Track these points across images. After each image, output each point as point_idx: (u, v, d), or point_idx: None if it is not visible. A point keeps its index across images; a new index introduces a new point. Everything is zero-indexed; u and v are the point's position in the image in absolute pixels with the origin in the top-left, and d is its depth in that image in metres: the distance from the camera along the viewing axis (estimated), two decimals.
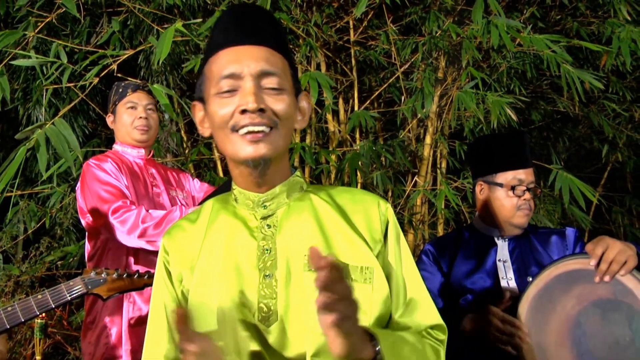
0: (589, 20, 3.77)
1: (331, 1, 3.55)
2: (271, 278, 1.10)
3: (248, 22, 1.12)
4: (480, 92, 3.22)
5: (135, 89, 2.43)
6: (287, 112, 1.10)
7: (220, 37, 1.12)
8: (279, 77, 1.10)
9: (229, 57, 1.09)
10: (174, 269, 1.17)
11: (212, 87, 1.10)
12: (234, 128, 1.07)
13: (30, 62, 2.59)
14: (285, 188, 1.17)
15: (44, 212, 3.50)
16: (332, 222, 1.16)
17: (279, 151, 1.11)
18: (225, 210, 1.20)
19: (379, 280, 1.12)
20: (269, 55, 1.10)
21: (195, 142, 3.93)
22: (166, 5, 3.10)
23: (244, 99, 1.06)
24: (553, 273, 1.69)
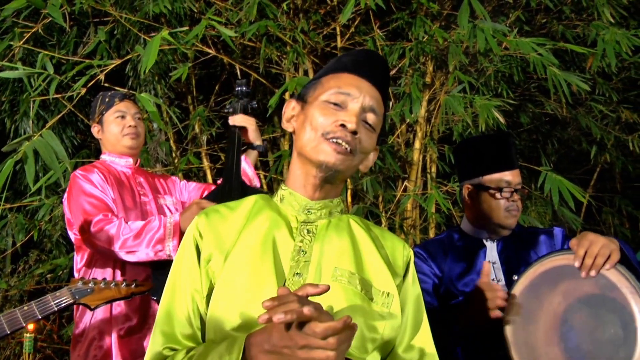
0: (574, 23, 3.79)
1: (318, 8, 3.56)
2: (300, 277, 1.17)
3: (374, 64, 1.29)
4: (468, 96, 3.23)
5: (123, 98, 2.42)
6: (367, 148, 1.24)
7: (351, 64, 1.28)
8: (377, 118, 1.24)
9: (353, 82, 1.24)
10: (205, 249, 1.21)
11: (323, 94, 1.23)
12: (326, 135, 1.19)
13: (17, 73, 2.58)
14: (330, 205, 1.27)
15: (33, 225, 3.48)
16: (365, 245, 1.26)
17: (347, 172, 1.23)
18: (268, 206, 1.28)
19: (395, 308, 1.20)
20: (379, 97, 1.26)
21: (184, 151, 3.92)
22: (153, 14, 3.10)
23: (349, 117, 1.19)
24: (538, 270, 1.69)
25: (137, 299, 2.19)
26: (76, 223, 2.22)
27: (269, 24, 3.05)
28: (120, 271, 2.23)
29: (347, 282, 1.17)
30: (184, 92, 4.00)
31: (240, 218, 1.26)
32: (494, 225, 2.06)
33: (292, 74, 3.54)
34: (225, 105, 3.76)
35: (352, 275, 1.18)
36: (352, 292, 1.16)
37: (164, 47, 2.93)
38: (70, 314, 3.57)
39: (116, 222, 2.14)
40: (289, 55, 3.29)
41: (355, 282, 1.18)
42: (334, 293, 1.13)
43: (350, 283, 1.17)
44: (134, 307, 2.23)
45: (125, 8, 3.25)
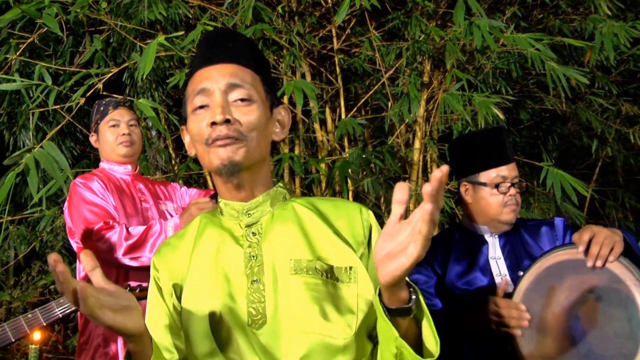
0: (570, 18, 3.79)
1: (313, 10, 3.55)
2: (259, 283, 1.16)
3: (218, 43, 1.23)
4: (467, 93, 3.22)
5: (116, 106, 2.42)
6: (254, 123, 1.17)
7: (196, 61, 1.23)
8: (246, 89, 1.17)
9: (202, 75, 1.18)
10: (164, 284, 1.22)
11: (189, 106, 1.19)
12: (207, 142, 1.15)
13: (15, 85, 2.58)
14: (269, 197, 1.24)
15: (34, 236, 3.47)
16: (315, 227, 1.21)
17: (251, 160, 1.17)
18: (211, 223, 1.26)
19: (363, 280, 1.16)
20: (237, 70, 1.19)
21: (184, 158, 3.91)
22: (148, 21, 3.10)
23: (213, 112, 1.14)
24: (543, 265, 1.69)
25: (142, 304, 2.17)
26: (78, 232, 2.22)
27: (264, 27, 3.04)
28: (124, 277, 2.23)
29: (305, 272, 1.15)
30: (181, 99, 3.99)
31: (188, 244, 1.25)
32: (494, 222, 2.05)
33: (290, 77, 3.53)
34: None
35: (309, 262, 1.16)
36: (314, 281, 1.14)
37: (161, 54, 2.93)
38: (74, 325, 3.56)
39: (117, 229, 2.13)
40: (285, 58, 3.29)
41: (314, 269, 1.15)
42: (296, 287, 1.14)
43: (309, 272, 1.15)
44: None
45: (120, 16, 3.25)
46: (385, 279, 0.94)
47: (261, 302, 1.14)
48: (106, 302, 0.92)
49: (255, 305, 1.14)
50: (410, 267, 0.91)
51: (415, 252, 0.89)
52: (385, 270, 0.94)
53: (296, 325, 1.11)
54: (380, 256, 0.94)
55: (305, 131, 3.72)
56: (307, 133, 3.75)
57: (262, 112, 1.19)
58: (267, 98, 1.22)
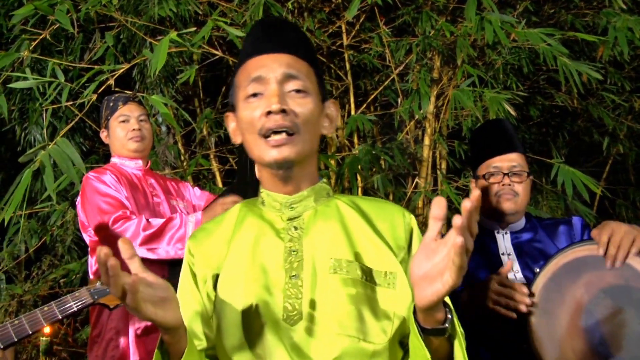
0: (583, 12, 3.75)
1: (323, 6, 3.55)
2: (297, 279, 1.13)
3: (274, 32, 1.20)
4: (478, 89, 3.21)
5: (126, 101, 2.42)
6: (309, 115, 1.16)
7: (248, 48, 1.20)
8: (302, 81, 1.16)
9: (258, 63, 1.16)
10: (199, 271, 1.19)
11: (241, 93, 1.17)
12: (261, 132, 1.13)
13: (28, 83, 2.59)
14: (313, 192, 1.22)
15: (45, 231, 3.49)
16: (358, 227, 1.19)
17: (303, 155, 1.16)
18: (252, 213, 1.24)
19: (402, 285, 1.14)
20: (293, 61, 1.17)
21: (193, 154, 3.92)
22: (158, 17, 3.10)
23: (269, 101, 1.12)
24: (560, 262, 1.66)
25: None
26: (92, 223, 2.22)
27: None
28: None
29: (345, 273, 1.13)
30: (190, 95, 4.00)
31: (227, 230, 1.23)
32: (496, 213, 2.04)
33: None
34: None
35: (349, 263, 1.14)
36: (353, 282, 1.12)
37: (171, 50, 2.93)
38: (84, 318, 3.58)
39: (136, 219, 2.14)
40: None
41: (354, 270, 1.13)
42: (334, 287, 1.12)
43: (349, 273, 1.13)
44: None
45: (130, 12, 3.25)
46: (422, 302, 0.94)
47: (298, 298, 1.12)
48: (147, 295, 0.92)
49: (291, 300, 1.12)
50: (446, 294, 0.90)
51: (451, 280, 0.88)
52: (422, 294, 0.93)
53: (332, 326, 1.09)
54: (417, 276, 0.93)
55: None
56: None
57: (315, 105, 1.18)
58: (319, 91, 1.21)
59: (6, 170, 4.12)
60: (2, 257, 3.47)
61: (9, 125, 3.69)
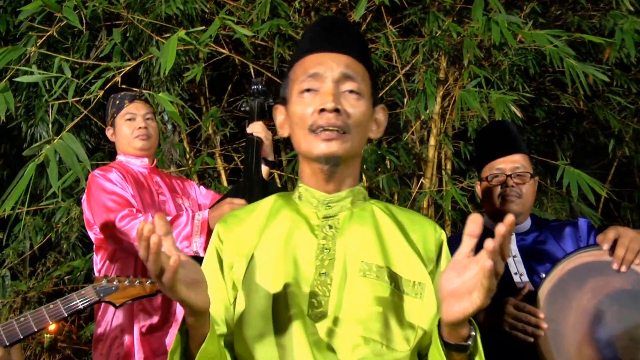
0: (590, 14, 3.74)
1: (329, 6, 3.54)
2: (327, 276, 1.14)
3: (334, 31, 1.22)
4: (484, 90, 3.20)
5: (132, 100, 2.42)
6: (360, 117, 1.17)
7: (307, 44, 1.22)
8: (357, 82, 1.17)
9: (316, 60, 1.18)
10: (226, 257, 1.19)
11: (295, 87, 1.19)
12: (311, 128, 1.14)
13: (34, 78, 2.59)
14: (351, 194, 1.23)
15: (50, 228, 3.49)
16: (391, 234, 1.20)
17: (350, 153, 1.17)
18: (287, 206, 1.25)
19: (429, 296, 1.14)
20: (351, 62, 1.18)
21: (199, 152, 3.92)
22: (165, 15, 3.10)
23: (324, 98, 1.13)
24: (566, 267, 1.66)
25: (159, 296, 2.19)
26: (98, 221, 2.22)
27: (281, 22, 3.04)
28: (142, 270, 2.23)
29: (375, 277, 1.13)
30: (196, 94, 4.00)
31: (260, 219, 1.24)
32: (498, 214, 2.04)
33: None
34: (238, 105, 3.78)
35: (380, 269, 1.14)
36: (382, 287, 1.13)
37: (178, 48, 2.92)
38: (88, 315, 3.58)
39: (142, 217, 2.13)
40: None
41: (383, 276, 1.14)
42: (362, 289, 1.12)
43: (378, 278, 1.13)
44: (155, 305, 2.23)
45: (137, 10, 3.26)
46: (449, 318, 0.95)
47: (325, 296, 1.12)
48: (181, 275, 0.92)
49: (319, 297, 1.12)
50: (473, 313, 0.91)
51: (479, 301, 0.89)
52: (449, 310, 0.94)
53: (356, 328, 1.09)
54: (446, 291, 0.94)
55: None
56: None
57: (367, 108, 1.19)
58: (372, 95, 1.22)
59: (11, 167, 4.12)
60: (7, 254, 3.48)
61: (15, 122, 3.70)
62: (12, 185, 2.20)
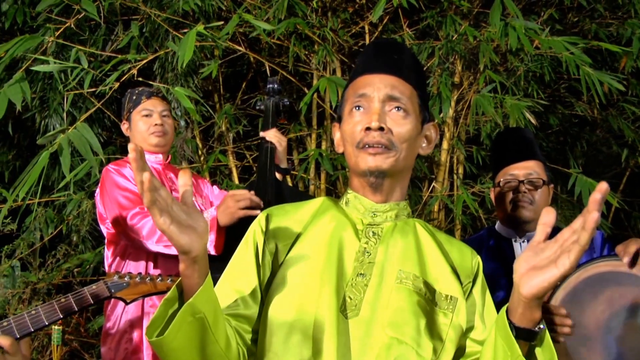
0: (607, 22, 3.72)
1: (347, 6, 3.54)
2: (364, 277, 1.18)
3: (384, 54, 1.28)
4: (499, 95, 3.19)
5: (150, 96, 2.41)
6: (405, 134, 1.21)
7: (360, 66, 1.30)
8: (403, 103, 1.22)
9: (366, 81, 1.24)
10: (270, 241, 1.23)
11: (347, 106, 1.26)
12: (359, 145, 1.20)
13: (51, 67, 2.59)
14: (397, 208, 1.27)
15: (61, 220, 3.50)
16: (430, 249, 1.26)
17: (396, 168, 1.22)
18: (334, 208, 1.30)
19: (460, 314, 1.18)
20: (398, 83, 1.24)
21: (211, 149, 3.92)
22: (182, 11, 3.10)
23: (369, 117, 1.20)
24: (582, 276, 1.64)
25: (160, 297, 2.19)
26: (110, 216, 2.23)
27: (298, 21, 3.04)
28: (153, 264, 2.23)
29: (411, 285, 1.17)
30: (210, 91, 4.01)
31: (306, 215, 1.28)
32: (514, 221, 2.03)
33: (320, 73, 3.53)
34: (252, 103, 3.77)
35: (416, 278, 1.19)
36: (417, 296, 1.16)
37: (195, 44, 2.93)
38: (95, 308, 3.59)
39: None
40: (317, 53, 3.28)
41: (419, 285, 1.18)
42: (398, 296, 1.16)
43: (414, 286, 1.17)
44: None
45: (154, 5, 3.26)
46: (530, 290, 0.94)
47: (360, 294, 1.16)
48: (175, 212, 0.93)
49: (353, 295, 1.15)
50: (559, 278, 0.91)
51: (569, 262, 0.90)
52: (531, 282, 0.94)
53: (388, 330, 1.12)
54: (524, 269, 0.95)
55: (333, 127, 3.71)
56: None
57: (413, 126, 1.23)
58: (420, 113, 1.27)
59: (24, 158, 4.14)
60: (18, 244, 3.49)
61: (29, 113, 3.71)
62: (24, 173, 2.20)
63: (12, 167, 4.12)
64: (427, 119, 1.30)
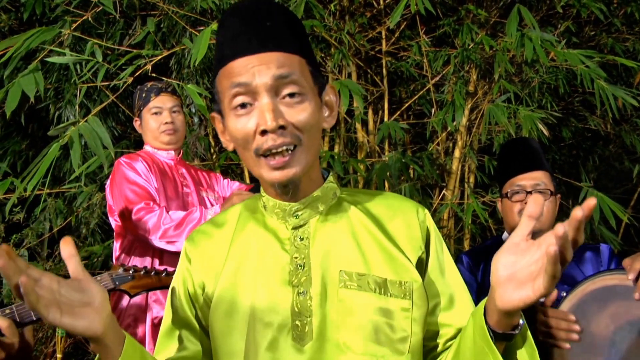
0: (624, 37, 3.72)
1: (364, 11, 3.54)
2: (305, 295, 1.04)
3: (255, 24, 1.00)
4: (512, 106, 3.18)
5: (159, 93, 2.41)
6: (310, 122, 1.01)
7: (228, 48, 1.01)
8: (296, 82, 0.99)
9: (239, 67, 0.98)
10: (196, 276, 1.11)
11: (226, 102, 1.01)
12: (258, 152, 0.99)
13: (66, 59, 2.60)
14: (319, 195, 1.10)
15: (71, 211, 3.52)
16: (368, 234, 1.09)
17: (308, 166, 1.03)
18: (253, 218, 1.13)
19: (419, 295, 1.05)
20: (283, 59, 0.99)
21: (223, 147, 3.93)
22: (200, 9, 3.11)
23: (262, 117, 0.97)
24: (588, 288, 1.62)
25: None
26: (117, 209, 2.24)
27: (315, 24, 3.04)
28: (159, 260, 2.24)
29: (356, 287, 1.03)
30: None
31: (227, 234, 1.13)
32: None
33: (335, 77, 3.53)
34: None
35: (360, 277, 1.04)
36: (365, 296, 1.03)
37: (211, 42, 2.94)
38: None
39: (157, 211, 2.14)
40: (333, 56, 3.28)
41: (365, 283, 1.03)
42: (345, 302, 1.03)
43: (360, 287, 1.03)
44: None
45: (173, 2, 3.28)
46: (505, 306, 0.87)
47: (308, 317, 1.02)
48: (64, 298, 0.84)
49: (301, 319, 1.02)
50: (534, 301, 0.83)
51: (543, 289, 0.81)
52: (506, 297, 0.86)
53: (344, 343, 1.01)
54: (502, 276, 0.86)
55: (346, 131, 3.71)
56: (348, 132, 3.74)
57: (314, 105, 1.02)
58: (315, 83, 1.05)
59: (37, 148, 4.16)
60: (26, 234, 3.51)
61: (43, 104, 3.73)
62: (34, 164, 2.20)
63: (24, 156, 4.15)
64: (323, 85, 1.07)
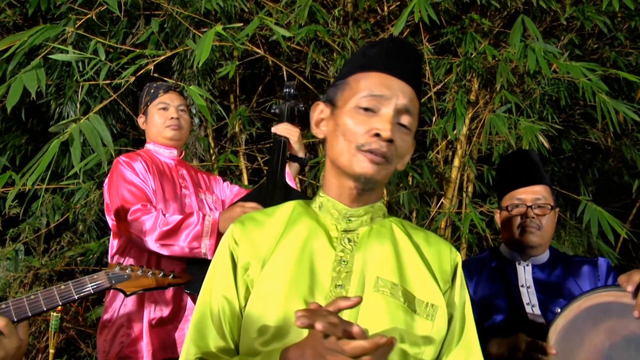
0: (627, 51, 3.71)
1: (368, 17, 3.55)
2: (342, 289, 1.13)
3: (405, 57, 1.19)
4: (513, 116, 3.19)
5: (167, 90, 2.44)
6: (404, 152, 1.18)
7: (379, 60, 1.18)
8: (413, 119, 1.17)
9: (383, 81, 1.15)
10: (242, 257, 1.18)
11: (353, 99, 1.16)
12: (362, 147, 1.13)
13: (69, 57, 2.61)
14: (371, 211, 1.22)
15: (68, 207, 3.52)
16: (409, 253, 1.21)
17: (385, 180, 1.19)
18: (307, 214, 1.24)
19: (440, 320, 1.15)
20: (414, 96, 1.17)
21: (222, 148, 3.93)
22: (204, 10, 3.12)
23: (383, 124, 1.12)
24: (583, 305, 1.62)
25: (170, 290, 2.18)
26: (113, 208, 2.23)
27: (318, 29, 3.05)
28: (156, 261, 2.22)
29: (389, 294, 1.13)
30: (226, 91, 4.02)
31: (278, 225, 1.22)
32: (520, 245, 2.02)
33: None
34: (267, 106, 3.79)
35: (394, 286, 1.14)
36: (395, 305, 1.12)
37: (214, 44, 2.95)
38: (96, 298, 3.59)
39: (154, 213, 2.12)
40: (336, 61, 3.29)
41: (397, 293, 1.13)
42: (375, 305, 1.11)
43: (392, 295, 1.13)
44: (166, 298, 2.21)
45: (177, 3, 3.28)
46: None
47: None
48: None
49: None
50: None
51: None
52: None
53: None
54: None
55: None
56: None
57: (410, 143, 1.20)
58: (415, 130, 1.23)
59: (36, 143, 4.16)
60: (23, 229, 3.51)
61: (44, 100, 3.73)
62: (34, 160, 2.21)
63: (24, 151, 4.15)
64: (416, 130, 1.25)
